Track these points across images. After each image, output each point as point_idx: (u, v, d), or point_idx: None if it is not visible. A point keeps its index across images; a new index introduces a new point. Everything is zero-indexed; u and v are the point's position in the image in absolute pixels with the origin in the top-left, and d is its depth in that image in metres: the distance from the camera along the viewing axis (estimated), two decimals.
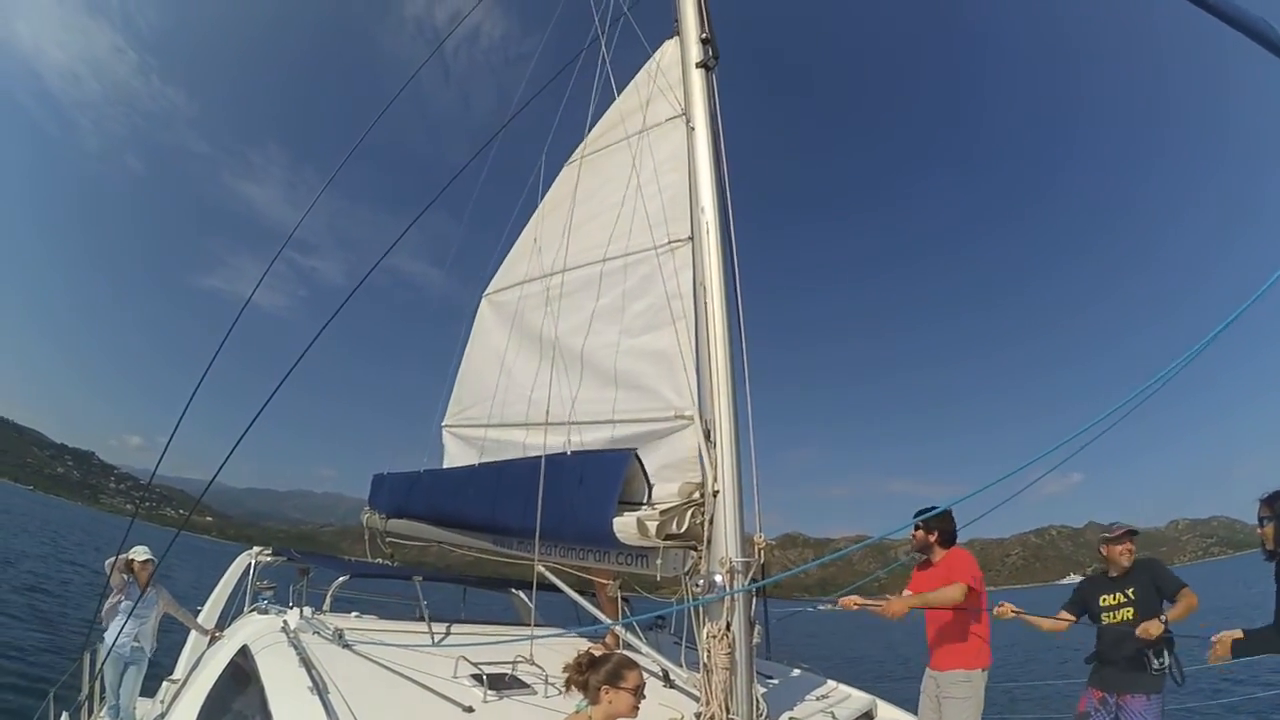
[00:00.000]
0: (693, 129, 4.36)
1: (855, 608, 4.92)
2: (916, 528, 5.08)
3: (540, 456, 4.25)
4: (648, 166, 4.87)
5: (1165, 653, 4.64)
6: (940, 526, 5.07)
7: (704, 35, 4.61)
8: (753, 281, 4.18)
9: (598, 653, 3.09)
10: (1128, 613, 4.83)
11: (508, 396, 5.57)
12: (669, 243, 4.43)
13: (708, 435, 3.70)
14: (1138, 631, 4.56)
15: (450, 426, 6.33)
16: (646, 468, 4.02)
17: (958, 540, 5.14)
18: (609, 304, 4.79)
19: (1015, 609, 4.89)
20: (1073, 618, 5.16)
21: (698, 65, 4.52)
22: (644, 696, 2.88)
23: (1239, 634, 3.88)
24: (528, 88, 6.27)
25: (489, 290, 6.32)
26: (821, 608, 5.05)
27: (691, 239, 4.21)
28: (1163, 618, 4.56)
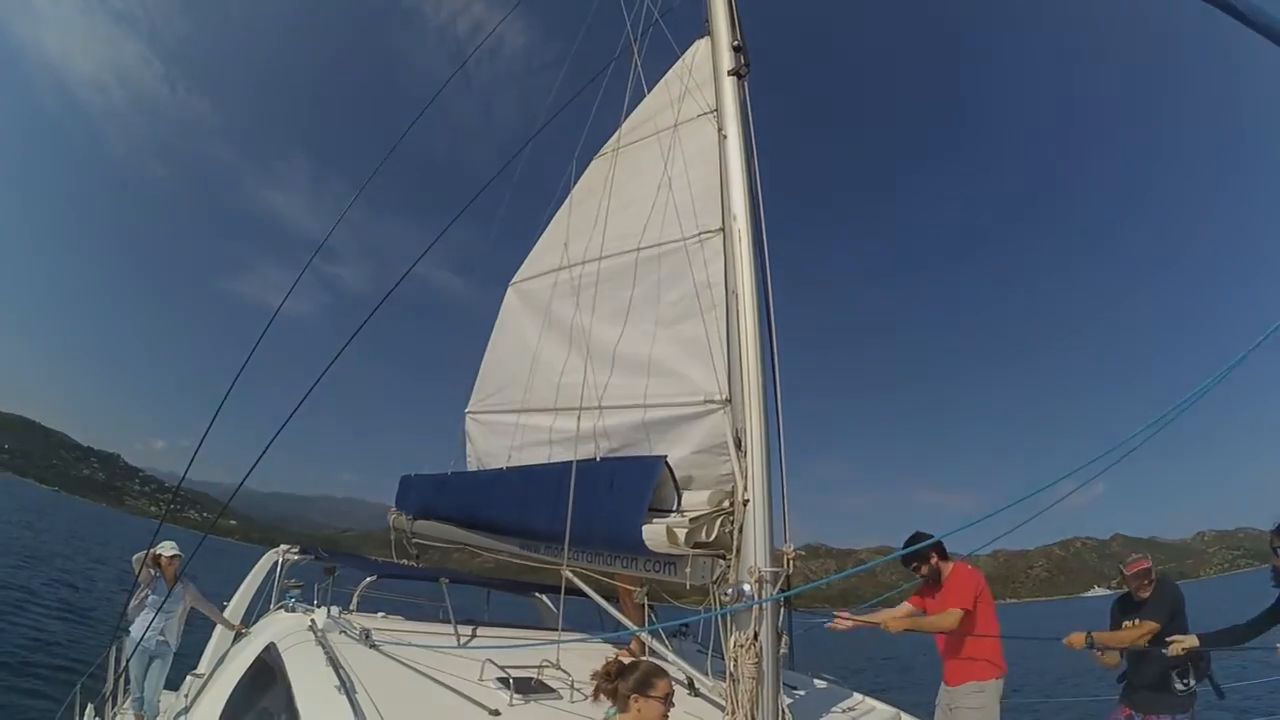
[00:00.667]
0: (725, 136, 4.35)
1: (845, 627, 5.05)
2: (916, 569, 5.17)
3: (570, 461, 4.26)
4: (678, 160, 4.89)
5: (1191, 674, 4.82)
6: (933, 548, 5.12)
7: (736, 43, 4.61)
8: (779, 288, 4.20)
9: (626, 660, 3.07)
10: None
11: (534, 382, 5.57)
12: (698, 234, 4.46)
13: (739, 444, 3.68)
14: (1065, 641, 5.01)
15: (474, 413, 6.32)
16: (680, 451, 4.06)
17: (972, 554, 5.18)
18: (643, 293, 4.81)
19: (1097, 647, 5.08)
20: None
21: (730, 73, 4.52)
22: (673, 705, 2.86)
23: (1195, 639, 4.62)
24: (556, 96, 6.32)
25: (516, 279, 6.32)
26: (826, 626, 5.10)
27: (722, 230, 4.24)
28: (1090, 635, 4.95)
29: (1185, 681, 4.78)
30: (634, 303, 4.84)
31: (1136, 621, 5.08)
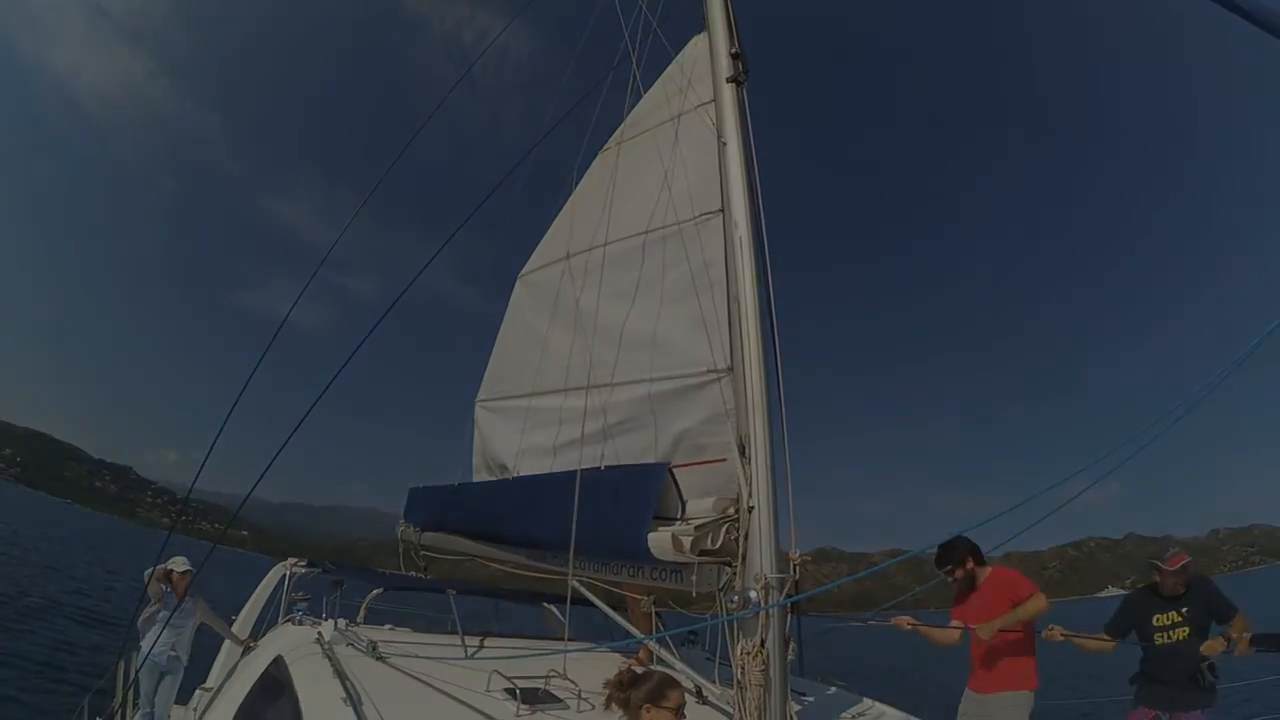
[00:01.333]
0: (724, 144, 4.30)
1: (909, 628, 4.92)
2: (950, 572, 5.04)
3: (575, 470, 4.25)
4: (678, 150, 5.00)
5: (1214, 667, 4.74)
6: (970, 552, 4.99)
7: (734, 50, 4.59)
8: (784, 288, 4.20)
9: (638, 670, 3.06)
10: (1183, 632, 4.88)
11: (543, 366, 5.65)
12: (695, 216, 4.56)
13: (743, 451, 3.66)
14: (1203, 649, 4.66)
15: (484, 401, 6.37)
16: (688, 421, 4.16)
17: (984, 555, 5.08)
18: (648, 274, 4.89)
19: (1065, 631, 4.93)
20: (1116, 638, 5.21)
21: (728, 80, 4.49)
22: (684, 716, 2.84)
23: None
24: (558, 104, 6.35)
25: (524, 271, 6.40)
26: (870, 623, 5.01)
27: (721, 211, 4.33)
28: (1226, 638, 4.64)
29: (1213, 675, 4.71)
30: (639, 284, 4.94)
31: (1185, 612, 4.94)
